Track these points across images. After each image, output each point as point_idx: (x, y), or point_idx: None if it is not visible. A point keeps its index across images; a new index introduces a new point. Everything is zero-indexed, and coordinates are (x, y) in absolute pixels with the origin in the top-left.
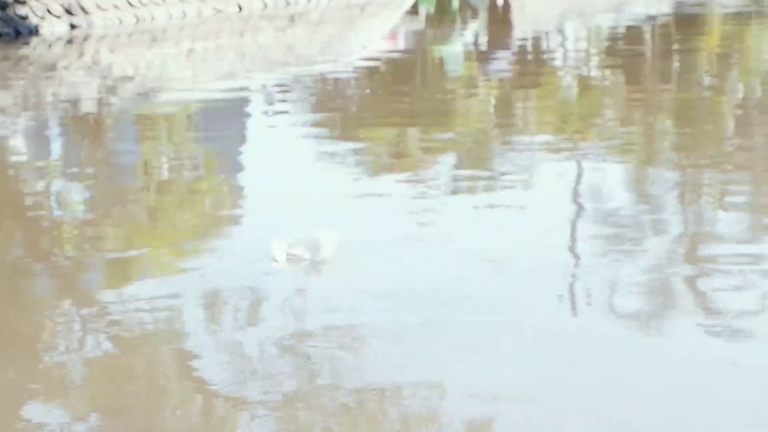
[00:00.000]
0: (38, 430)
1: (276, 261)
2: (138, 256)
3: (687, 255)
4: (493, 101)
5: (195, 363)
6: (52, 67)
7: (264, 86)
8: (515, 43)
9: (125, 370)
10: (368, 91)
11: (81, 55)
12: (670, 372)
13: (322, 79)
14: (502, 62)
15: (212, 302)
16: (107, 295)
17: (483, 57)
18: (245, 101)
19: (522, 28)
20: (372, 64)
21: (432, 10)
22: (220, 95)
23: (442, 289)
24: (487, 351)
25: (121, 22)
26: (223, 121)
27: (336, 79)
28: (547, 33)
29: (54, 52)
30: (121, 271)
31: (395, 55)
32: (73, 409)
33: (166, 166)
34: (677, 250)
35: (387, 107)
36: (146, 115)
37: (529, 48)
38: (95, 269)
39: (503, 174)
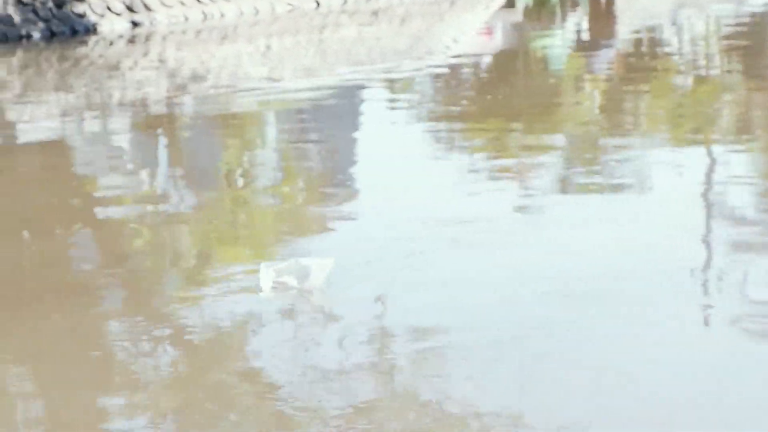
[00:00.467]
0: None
1: (261, 290)
2: (240, 260)
3: None
4: (597, 98)
5: (269, 370)
6: (116, 67)
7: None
8: (619, 37)
9: (197, 379)
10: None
11: (146, 53)
12: None
13: (415, 76)
14: (606, 57)
15: (306, 305)
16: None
17: (586, 52)
18: (345, 99)
19: (631, 21)
20: (467, 60)
21: (530, 2)
22: (306, 93)
23: (545, 292)
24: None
25: (186, 19)
26: (325, 119)
27: (429, 77)
28: (658, 26)
29: (115, 51)
30: (224, 274)
31: (492, 50)
32: (141, 411)
33: (259, 168)
34: None
35: (486, 105)
36: (227, 115)
37: (637, 42)
38: (181, 276)
39: (611, 173)
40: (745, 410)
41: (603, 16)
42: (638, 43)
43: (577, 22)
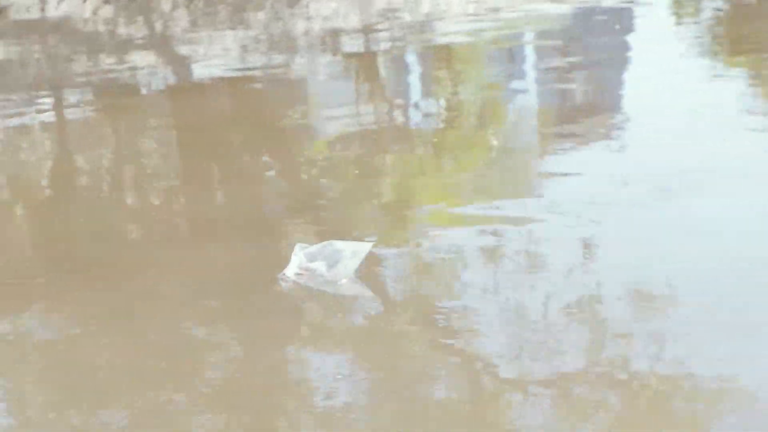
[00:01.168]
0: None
1: (284, 279)
2: (444, 201)
3: None
4: None
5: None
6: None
7: None
8: None
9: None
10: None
11: None
12: None
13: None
14: None
15: (506, 257)
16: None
17: None
18: (562, 31)
19: None
20: None
21: None
22: (518, 28)
23: None
24: None
25: None
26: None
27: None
28: None
29: None
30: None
31: None
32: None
33: (480, 105)
34: None
35: (741, 34)
36: (438, 47)
37: None
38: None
39: None
40: None
41: None
42: None
43: None
